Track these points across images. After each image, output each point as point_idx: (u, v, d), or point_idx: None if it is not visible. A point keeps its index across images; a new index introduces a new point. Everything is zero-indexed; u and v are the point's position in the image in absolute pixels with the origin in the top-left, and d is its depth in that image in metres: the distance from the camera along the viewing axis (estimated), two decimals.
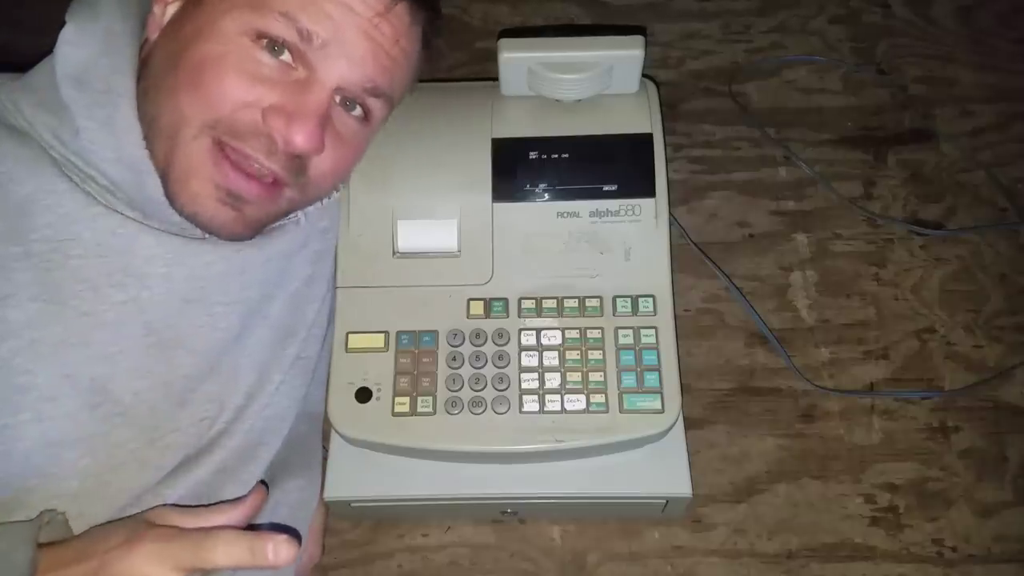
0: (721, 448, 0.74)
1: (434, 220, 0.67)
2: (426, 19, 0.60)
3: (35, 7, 0.88)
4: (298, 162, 0.57)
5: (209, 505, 0.55)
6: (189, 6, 0.56)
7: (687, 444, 0.66)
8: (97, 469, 0.53)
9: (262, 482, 0.60)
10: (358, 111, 0.59)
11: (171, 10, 0.57)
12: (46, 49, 0.57)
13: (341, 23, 0.54)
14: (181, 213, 0.55)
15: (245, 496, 0.56)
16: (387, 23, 0.56)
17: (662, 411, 0.62)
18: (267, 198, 0.57)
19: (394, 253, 0.68)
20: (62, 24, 0.55)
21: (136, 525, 0.50)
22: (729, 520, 0.71)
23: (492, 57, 0.66)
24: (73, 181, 0.54)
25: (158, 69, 0.55)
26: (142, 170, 0.54)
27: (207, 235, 0.58)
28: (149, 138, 0.54)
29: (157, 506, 0.53)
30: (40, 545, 0.47)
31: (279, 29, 0.53)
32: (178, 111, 0.53)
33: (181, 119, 0.53)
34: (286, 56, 0.54)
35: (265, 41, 0.54)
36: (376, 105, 0.60)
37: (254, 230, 0.59)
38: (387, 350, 0.65)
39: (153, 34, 0.57)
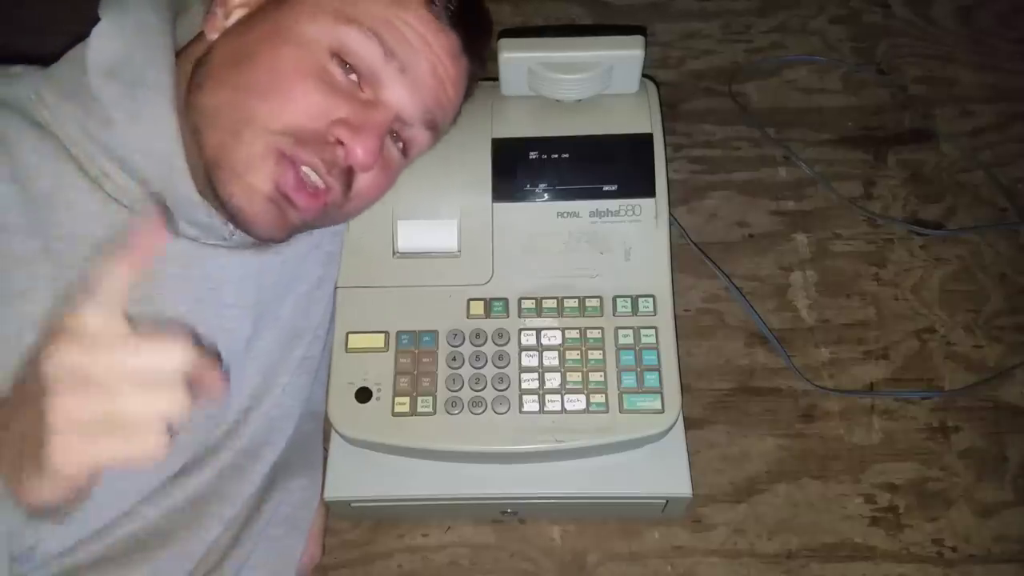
0: (721, 448, 0.74)
1: (434, 220, 0.67)
2: (475, 72, 0.63)
3: (35, 7, 0.88)
4: (348, 177, 0.57)
5: None
6: (267, 9, 0.56)
7: (687, 444, 0.66)
8: None
9: None
10: (400, 144, 0.61)
11: (238, 13, 0.57)
12: (46, 49, 0.57)
13: (418, 52, 0.57)
14: (225, 203, 0.54)
15: None
16: (452, 63, 0.59)
17: (662, 411, 0.62)
18: (315, 211, 0.57)
19: (394, 253, 0.68)
20: (68, 20, 0.55)
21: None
22: (729, 520, 0.71)
23: (492, 57, 0.66)
24: (90, 177, 0.54)
25: (220, 64, 0.55)
26: (173, 165, 0.54)
27: (227, 238, 0.58)
28: (199, 128, 0.54)
29: None
30: None
31: (361, 45, 0.55)
32: (246, 110, 0.53)
33: (249, 119, 0.53)
34: (354, 77, 0.56)
35: (337, 59, 0.55)
36: (423, 138, 0.61)
37: (288, 235, 0.58)
38: (387, 350, 0.65)
39: (212, 34, 0.57)
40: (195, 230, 0.57)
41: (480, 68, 0.64)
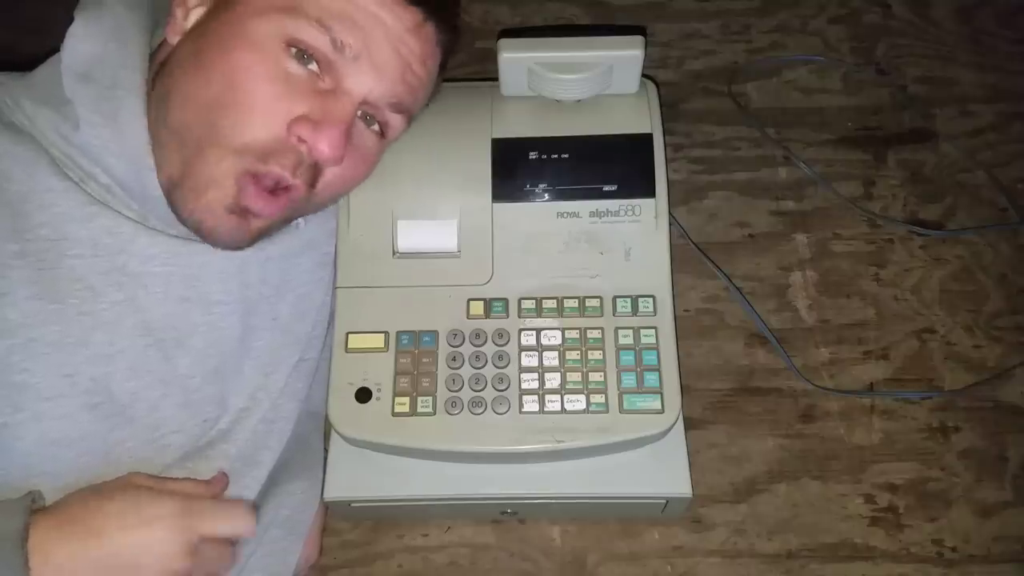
0: (721, 448, 0.74)
1: (434, 220, 0.67)
2: (448, 41, 0.61)
3: (35, 7, 0.88)
4: (314, 172, 0.56)
5: (178, 480, 0.56)
6: (218, 9, 0.55)
7: (687, 444, 0.66)
8: (96, 468, 0.53)
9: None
10: (376, 127, 0.60)
11: (195, 14, 0.56)
12: (46, 49, 0.57)
13: (373, 36, 0.55)
14: (185, 220, 0.54)
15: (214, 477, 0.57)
16: (416, 40, 0.57)
17: (662, 411, 0.62)
18: (277, 213, 0.56)
19: (394, 253, 0.68)
20: (68, 21, 0.55)
21: (145, 499, 0.50)
22: (729, 520, 0.71)
23: (492, 57, 0.66)
24: (71, 180, 0.54)
25: (181, 72, 0.55)
26: (143, 166, 0.54)
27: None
28: (163, 140, 0.54)
29: (132, 475, 0.53)
30: (32, 512, 0.47)
31: (312, 37, 0.53)
32: (208, 127, 0.53)
33: (210, 137, 0.53)
34: (313, 66, 0.54)
35: (295, 50, 0.54)
36: (396, 121, 0.60)
37: (254, 239, 0.58)
38: (387, 350, 0.65)
39: (174, 38, 0.57)
40: (175, 228, 0.56)
41: (453, 35, 0.62)
